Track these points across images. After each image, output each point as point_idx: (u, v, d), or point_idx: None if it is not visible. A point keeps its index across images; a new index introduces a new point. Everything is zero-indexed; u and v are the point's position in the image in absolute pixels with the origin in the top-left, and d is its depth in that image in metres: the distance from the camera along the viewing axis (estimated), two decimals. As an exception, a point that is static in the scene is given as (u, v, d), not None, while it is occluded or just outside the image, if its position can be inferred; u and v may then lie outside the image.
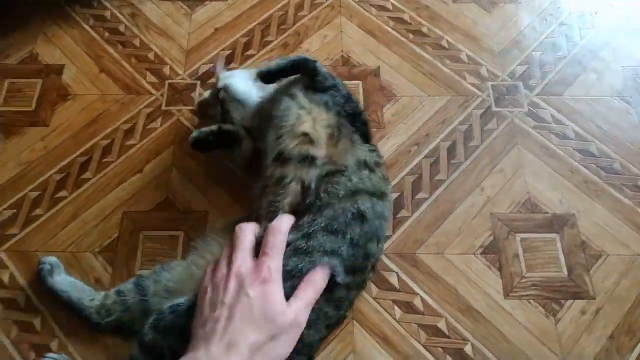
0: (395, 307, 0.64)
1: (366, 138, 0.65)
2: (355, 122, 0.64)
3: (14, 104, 0.80)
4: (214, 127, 0.67)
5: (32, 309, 0.63)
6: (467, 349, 0.62)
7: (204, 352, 0.42)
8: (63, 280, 0.63)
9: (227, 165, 0.74)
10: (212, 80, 0.82)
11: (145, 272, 0.62)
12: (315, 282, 0.50)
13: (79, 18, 0.89)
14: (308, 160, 0.57)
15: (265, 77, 0.64)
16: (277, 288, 0.47)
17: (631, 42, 0.87)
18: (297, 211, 0.57)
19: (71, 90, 0.81)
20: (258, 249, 0.52)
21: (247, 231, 0.53)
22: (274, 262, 0.49)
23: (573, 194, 0.73)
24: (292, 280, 0.50)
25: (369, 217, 0.56)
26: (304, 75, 0.64)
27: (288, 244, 0.52)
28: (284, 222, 0.53)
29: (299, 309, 0.48)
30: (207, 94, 0.73)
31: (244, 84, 0.68)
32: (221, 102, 0.68)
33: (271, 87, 0.67)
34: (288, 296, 0.49)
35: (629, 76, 0.83)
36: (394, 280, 0.66)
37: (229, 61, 0.84)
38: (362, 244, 0.55)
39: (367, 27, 0.88)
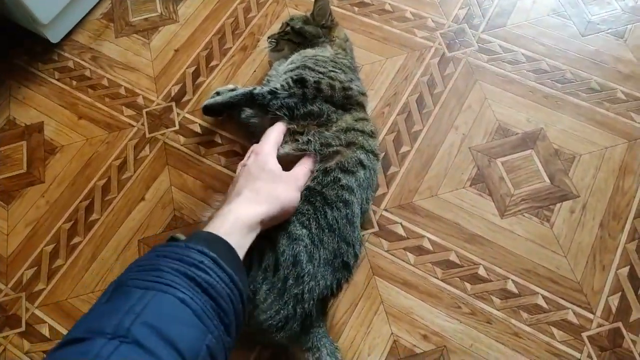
0: (408, 254, 0.70)
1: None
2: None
3: (5, 171, 0.83)
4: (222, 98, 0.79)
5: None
6: (481, 271, 0.68)
7: (226, 206, 0.57)
8: None
9: (218, 170, 0.79)
10: (185, 99, 0.86)
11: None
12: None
13: (44, 75, 0.92)
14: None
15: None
16: (267, 156, 0.62)
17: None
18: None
19: (56, 143, 0.85)
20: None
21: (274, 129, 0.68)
22: (266, 145, 0.64)
23: (537, 111, 0.79)
24: None
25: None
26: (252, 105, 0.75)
27: None
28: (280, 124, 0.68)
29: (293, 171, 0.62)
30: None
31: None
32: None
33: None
34: None
35: (560, -7, 0.90)
36: (399, 230, 0.72)
37: (195, 76, 0.88)
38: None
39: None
